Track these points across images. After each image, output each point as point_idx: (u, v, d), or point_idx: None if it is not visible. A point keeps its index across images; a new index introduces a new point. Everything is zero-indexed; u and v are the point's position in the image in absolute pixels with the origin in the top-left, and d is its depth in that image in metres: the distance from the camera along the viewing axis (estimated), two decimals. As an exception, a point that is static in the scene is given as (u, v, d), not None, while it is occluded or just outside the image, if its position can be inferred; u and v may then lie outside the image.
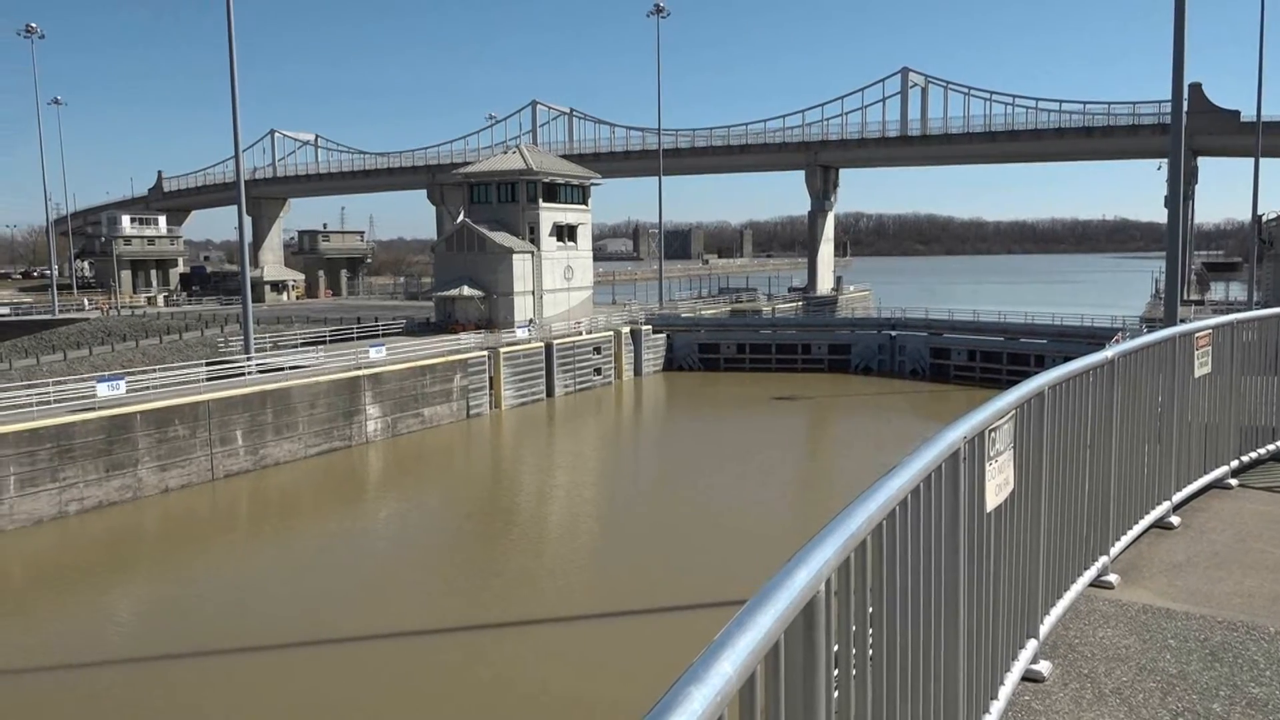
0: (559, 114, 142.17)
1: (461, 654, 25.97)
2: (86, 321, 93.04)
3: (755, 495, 41.80)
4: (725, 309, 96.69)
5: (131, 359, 70.04)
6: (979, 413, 4.34)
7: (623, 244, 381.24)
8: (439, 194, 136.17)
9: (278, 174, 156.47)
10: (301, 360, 55.66)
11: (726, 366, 77.96)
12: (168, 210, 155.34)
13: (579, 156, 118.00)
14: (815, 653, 2.53)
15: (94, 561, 35.01)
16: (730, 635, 2.10)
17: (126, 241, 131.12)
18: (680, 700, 1.84)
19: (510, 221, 75.00)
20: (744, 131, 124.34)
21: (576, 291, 79.63)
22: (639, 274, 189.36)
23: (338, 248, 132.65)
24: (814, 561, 2.55)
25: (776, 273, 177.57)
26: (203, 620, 28.50)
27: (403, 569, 33.40)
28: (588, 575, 32.69)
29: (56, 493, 38.62)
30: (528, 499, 45.19)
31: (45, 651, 26.33)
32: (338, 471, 47.86)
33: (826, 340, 77.98)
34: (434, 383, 57.35)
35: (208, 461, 44.43)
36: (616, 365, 73.97)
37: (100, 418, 40.44)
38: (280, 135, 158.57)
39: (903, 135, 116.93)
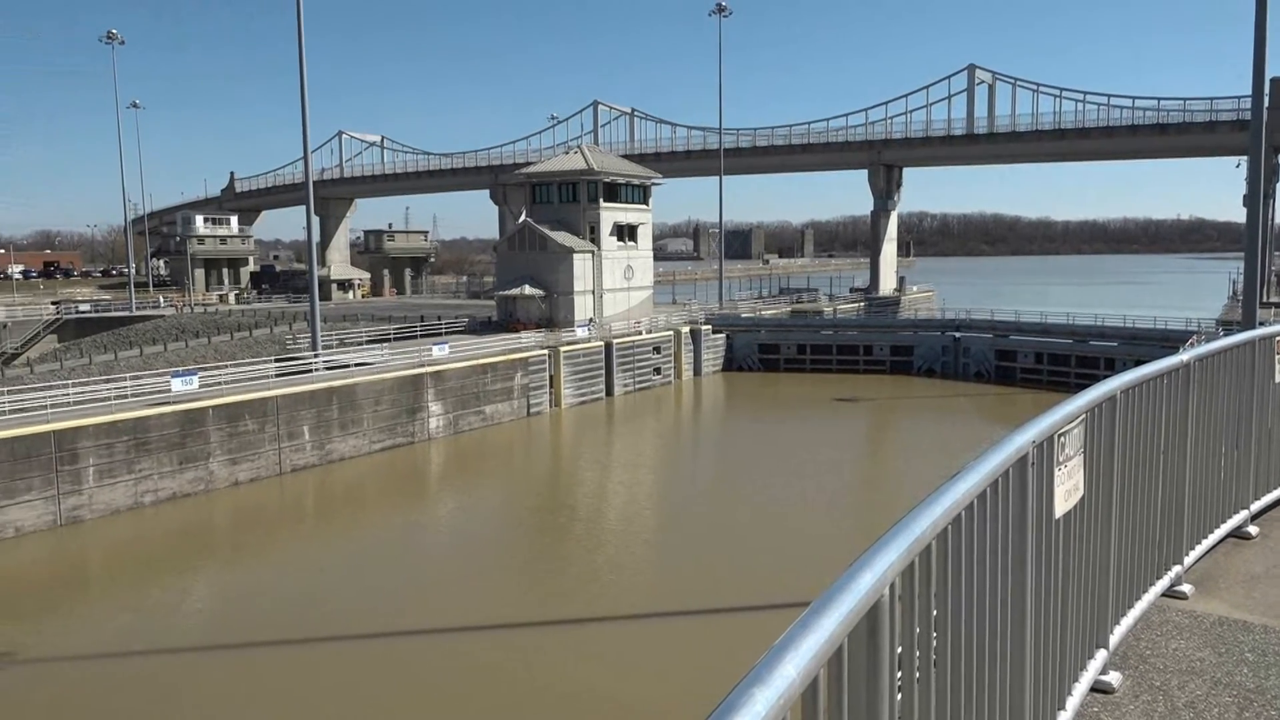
0: (620, 114, 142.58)
1: (519, 652, 26.18)
2: (162, 318, 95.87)
3: (815, 496, 41.46)
4: (786, 309, 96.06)
5: (204, 355, 71.99)
6: (1048, 416, 4.26)
7: (683, 244, 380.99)
8: (501, 194, 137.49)
9: (345, 175, 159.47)
10: (366, 357, 56.67)
11: (786, 367, 77.45)
12: (239, 210, 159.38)
13: (640, 156, 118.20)
14: (879, 657, 2.51)
15: (168, 552, 36.07)
16: (793, 637, 2.10)
17: (200, 241, 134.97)
18: (743, 701, 1.84)
19: (571, 221, 75.44)
20: (806, 130, 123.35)
21: (636, 291, 79.79)
22: (699, 274, 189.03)
23: (402, 247, 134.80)
24: (878, 565, 2.53)
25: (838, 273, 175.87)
26: (269, 612, 29.17)
27: (463, 565, 33.81)
28: (646, 574, 32.74)
29: (133, 484, 39.86)
30: (587, 497, 45.41)
31: (121, 639, 27.20)
32: (401, 467, 48.62)
33: (889, 341, 77.01)
34: (495, 381, 57.95)
35: (276, 456, 45.47)
36: (676, 365, 73.95)
37: (174, 412, 41.64)
38: (348, 136, 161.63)
39: (968, 133, 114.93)
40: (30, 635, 27.21)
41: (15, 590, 32.08)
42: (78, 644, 26.83)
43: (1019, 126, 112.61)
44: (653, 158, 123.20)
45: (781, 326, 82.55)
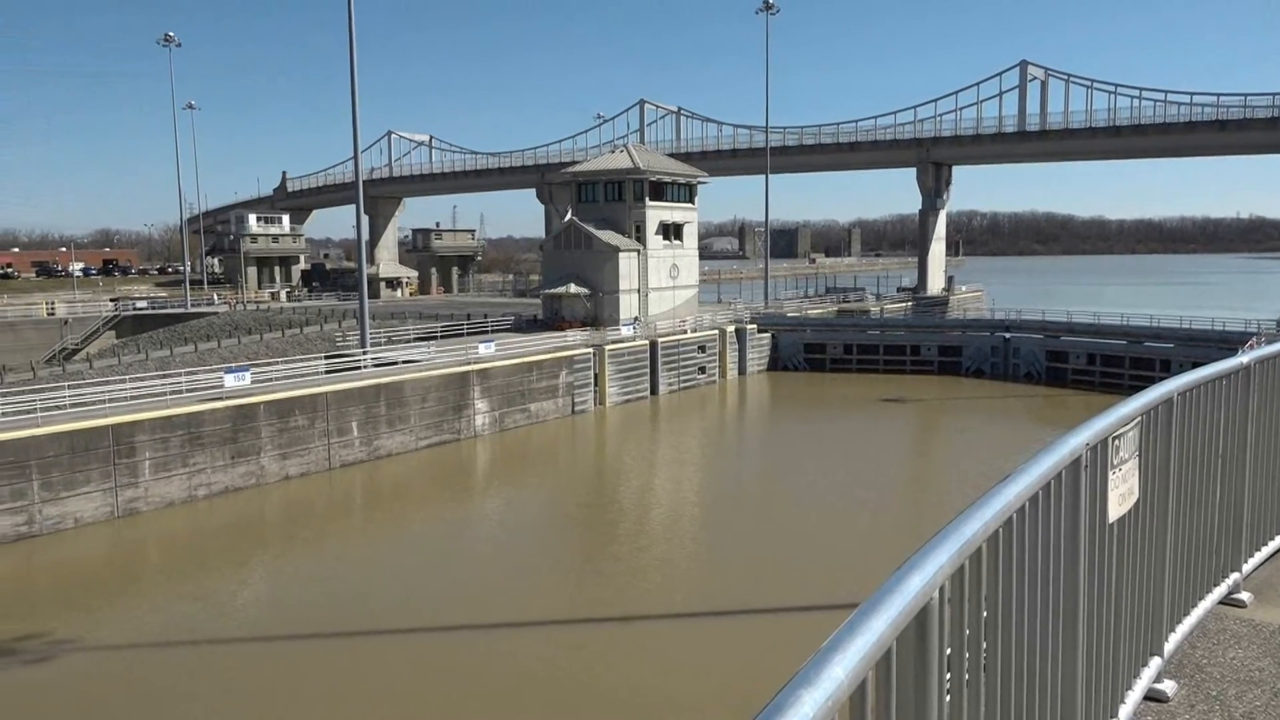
0: (666, 113, 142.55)
1: (567, 648, 26.31)
2: (215, 315, 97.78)
3: (861, 497, 41.12)
4: (832, 309, 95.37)
5: (256, 352, 73.31)
6: (1103, 418, 4.18)
7: (728, 242, 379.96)
8: (547, 193, 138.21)
9: (394, 174, 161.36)
10: (414, 355, 57.29)
11: (832, 367, 76.92)
12: (291, 210, 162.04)
13: (686, 155, 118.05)
14: (928, 661, 2.48)
15: (222, 545, 36.79)
16: (842, 639, 2.08)
17: (253, 239, 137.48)
18: (791, 702, 1.83)
19: (617, 220, 75.60)
20: (854, 129, 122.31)
21: (682, 290, 79.73)
22: (744, 273, 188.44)
23: (449, 246, 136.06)
24: (928, 568, 2.50)
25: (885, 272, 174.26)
26: (320, 606, 29.62)
27: (510, 561, 34.05)
28: (691, 573, 32.70)
29: (187, 477, 40.72)
30: (632, 495, 45.49)
31: (178, 628, 27.80)
32: (447, 464, 49.09)
33: (936, 342, 76.13)
34: (540, 379, 58.28)
35: (325, 451, 46.16)
36: (721, 364, 73.79)
37: (227, 407, 42.46)
38: (397, 136, 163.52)
39: (1020, 130, 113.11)
40: (91, 623, 27.92)
41: (77, 580, 32.95)
42: (136, 632, 27.47)
43: (1072, 124, 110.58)
44: (699, 156, 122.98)
45: (828, 326, 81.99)
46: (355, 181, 59.67)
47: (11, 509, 35.34)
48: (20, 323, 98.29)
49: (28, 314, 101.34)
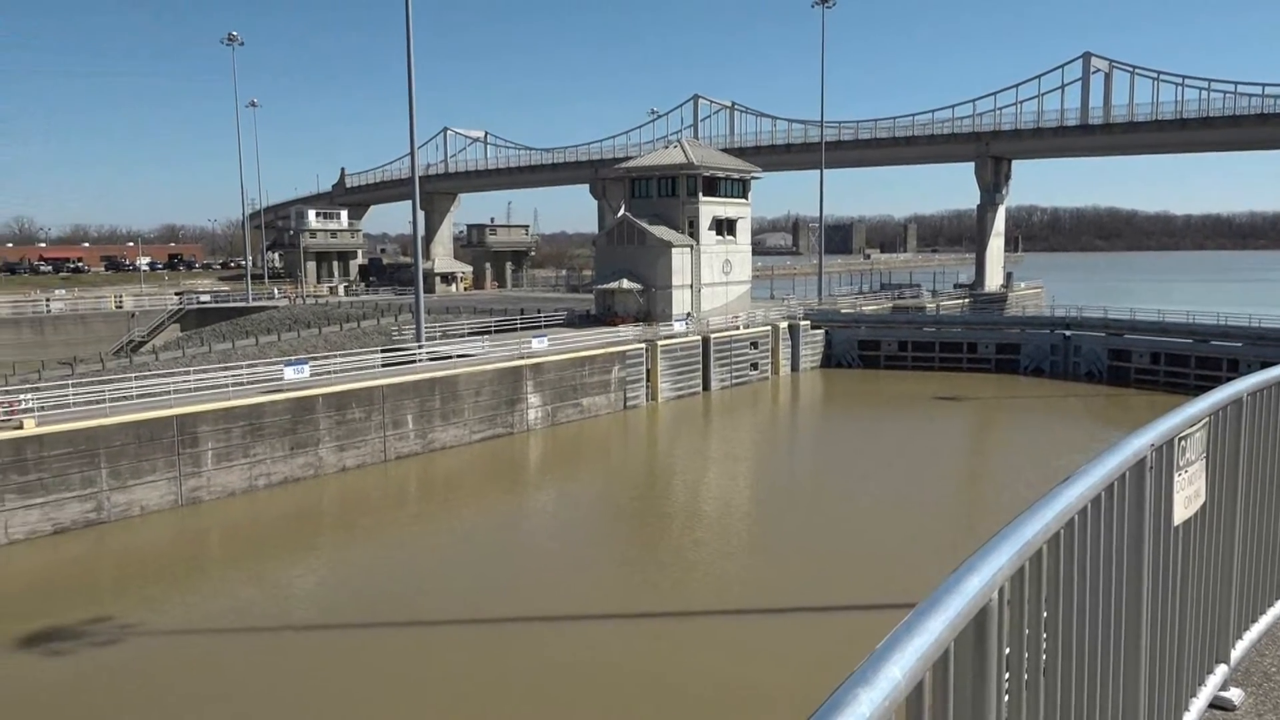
0: (720, 108, 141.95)
1: (625, 638, 26.43)
2: (276, 309, 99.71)
3: (915, 496, 40.65)
4: (887, 305, 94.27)
5: (314, 345, 74.62)
6: (1169, 419, 4.08)
7: (782, 238, 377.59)
8: (601, 188, 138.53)
9: (449, 170, 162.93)
10: (468, 349, 57.88)
11: (887, 364, 76.06)
12: (349, 205, 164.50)
13: (739, 150, 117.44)
14: (986, 663, 2.45)
15: (281, 534, 37.58)
16: (899, 639, 2.07)
17: (312, 235, 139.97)
18: (848, 702, 1.83)
19: (670, 215, 75.54)
20: (910, 122, 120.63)
21: (734, 286, 79.43)
22: (798, 269, 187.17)
23: (504, 241, 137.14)
24: (987, 569, 2.47)
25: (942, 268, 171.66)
26: (377, 595, 30.10)
27: (565, 553, 34.28)
28: (741, 569, 32.61)
29: (247, 467, 41.63)
30: (683, 490, 45.49)
31: (237, 615, 28.47)
32: (500, 457, 49.54)
33: (994, 339, 74.87)
34: (593, 374, 58.51)
35: (381, 443, 46.86)
36: (773, 360, 73.40)
37: (287, 399, 43.30)
38: (452, 133, 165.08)
39: (1083, 124, 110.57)
40: (156, 609, 28.70)
41: (143, 566, 33.90)
42: (199, 618, 28.17)
43: (1137, 116, 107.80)
44: (752, 151, 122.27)
45: (882, 322, 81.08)
46: (412, 178, 60.45)
47: (81, 496, 36.47)
48: (90, 315, 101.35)
49: (97, 307, 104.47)
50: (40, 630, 26.71)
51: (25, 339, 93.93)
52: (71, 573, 32.95)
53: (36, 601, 29.91)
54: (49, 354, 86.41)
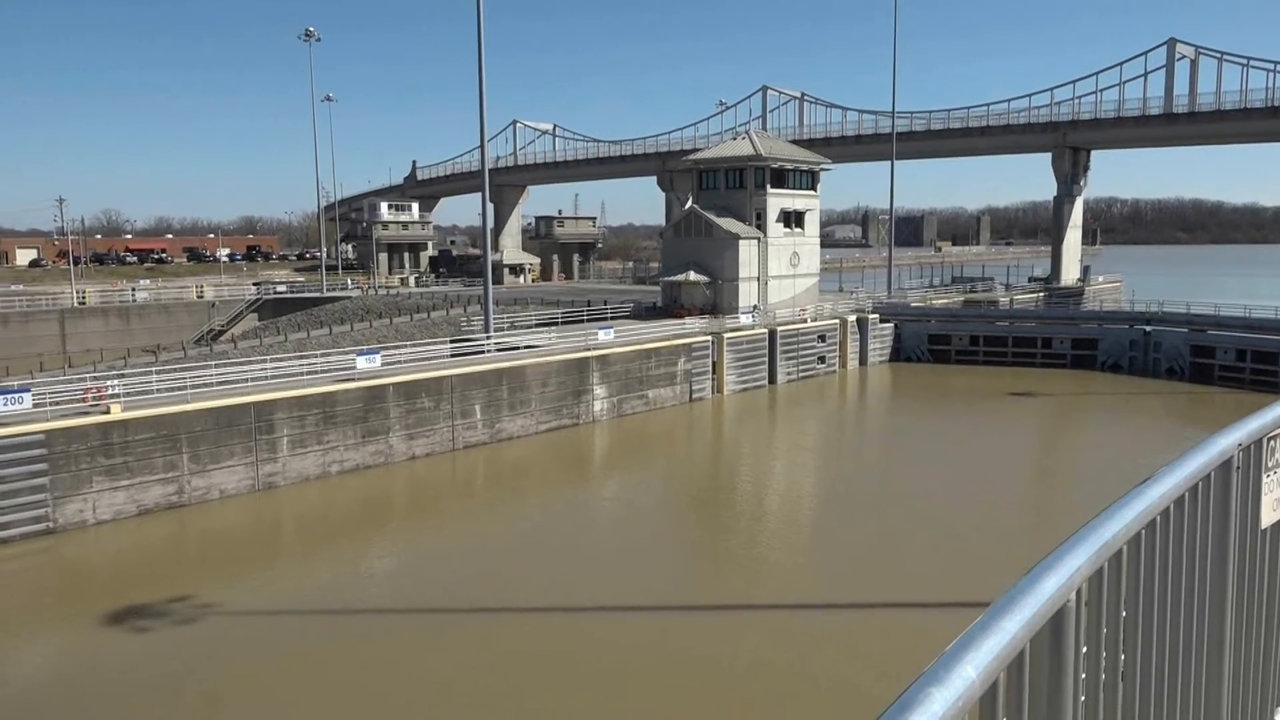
0: (789, 98, 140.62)
1: (675, 629, 26.47)
2: (349, 299, 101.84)
3: (986, 493, 39.89)
4: (958, 299, 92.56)
5: (385, 335, 76.02)
6: (1258, 417, 3.94)
7: (851, 230, 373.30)
8: (668, 180, 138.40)
9: (518, 163, 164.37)
10: (535, 340, 58.40)
11: (957, 359, 74.71)
12: (420, 197, 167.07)
13: (809, 141, 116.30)
14: (1063, 665, 2.40)
15: (354, 519, 38.42)
16: (973, 638, 2.03)
17: (384, 227, 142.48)
18: (920, 700, 1.80)
19: (738, 207, 75.18)
20: (985, 112, 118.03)
21: (802, 278, 78.75)
22: (867, 261, 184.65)
23: (571, 233, 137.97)
24: (1064, 568, 2.41)
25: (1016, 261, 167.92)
26: (446, 581, 30.62)
27: (632, 544, 34.44)
28: (807, 561, 32.40)
29: (321, 454, 42.63)
30: (748, 483, 45.33)
31: (311, 598, 29.21)
32: (566, 447, 49.92)
33: (1070, 334, 72.98)
34: (658, 366, 58.58)
35: (449, 432, 47.58)
36: (841, 354, 72.64)
37: (359, 388, 44.21)
38: (521, 125, 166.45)
39: (1166, 112, 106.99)
40: (234, 589, 29.59)
41: (221, 548, 34.99)
42: (274, 600, 28.98)
43: (1225, 104, 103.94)
44: (822, 143, 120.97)
45: (953, 316, 79.60)
46: (482, 171, 61.15)
47: (164, 479, 37.74)
48: (173, 305, 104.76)
49: (179, 297, 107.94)
50: (126, 607, 27.74)
51: (112, 327, 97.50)
52: (155, 553, 34.15)
53: (123, 580, 31.08)
54: (134, 342, 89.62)
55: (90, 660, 25.09)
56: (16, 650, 26.02)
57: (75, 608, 28.47)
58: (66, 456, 35.21)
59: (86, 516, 35.64)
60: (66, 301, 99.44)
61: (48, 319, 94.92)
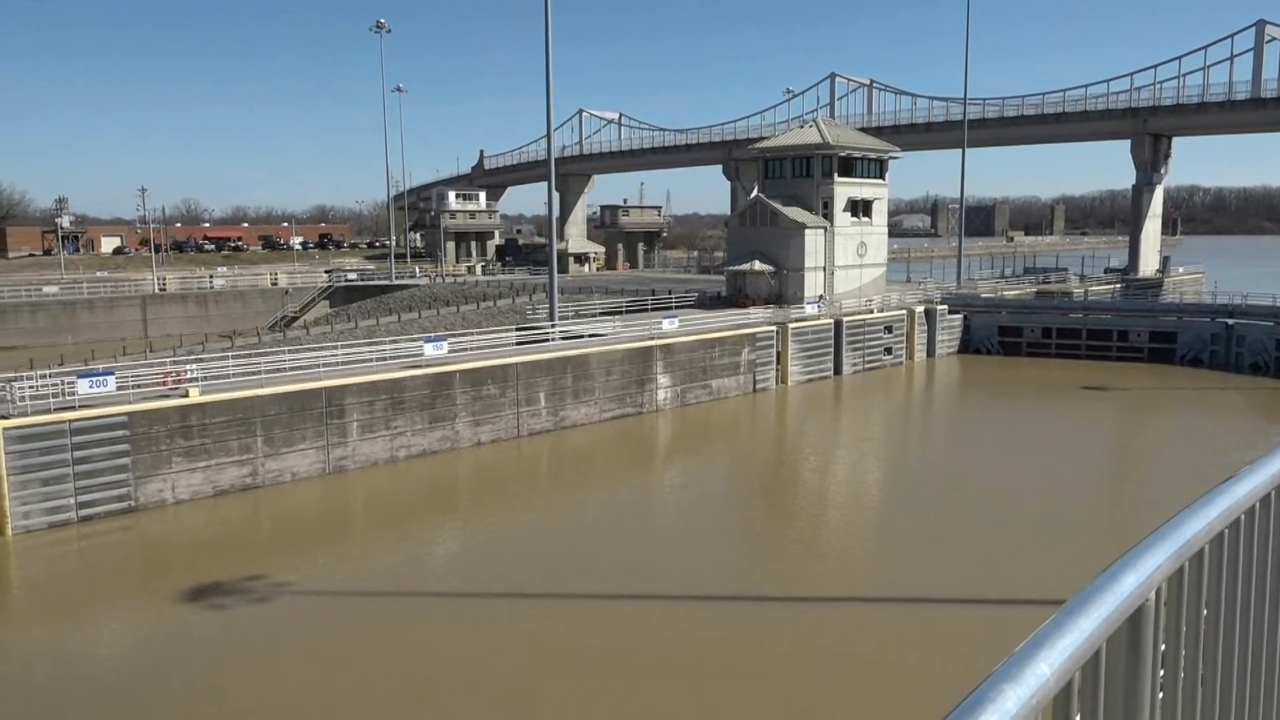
0: (858, 86, 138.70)
1: (737, 617, 26.44)
2: (417, 287, 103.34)
3: (1056, 488, 39.01)
4: (1030, 289, 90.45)
5: (452, 323, 76.99)
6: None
7: (919, 220, 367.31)
8: (734, 169, 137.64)
9: (584, 152, 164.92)
10: (599, 329, 58.64)
11: (1029, 351, 73.06)
12: (487, 187, 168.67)
13: (877, 129, 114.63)
14: (1141, 666, 2.34)
15: (421, 503, 39.13)
16: (1048, 636, 1.99)
17: (452, 216, 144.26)
18: (993, 697, 1.77)
19: (804, 196, 74.45)
20: (1060, 98, 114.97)
21: (869, 268, 77.73)
22: (936, 251, 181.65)
23: (636, 222, 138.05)
24: (1144, 567, 2.35)
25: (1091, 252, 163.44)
26: (510, 566, 31.00)
27: (695, 534, 34.46)
28: (870, 554, 32.08)
29: (389, 439, 43.44)
30: (811, 475, 45.00)
31: (379, 579, 29.84)
32: (630, 436, 50.10)
33: (1148, 327, 70.84)
34: (722, 355, 58.41)
35: (514, 419, 48.09)
36: (908, 345, 71.60)
37: (426, 374, 44.91)
38: (588, 114, 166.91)
39: (1254, 97, 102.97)
40: (306, 570, 30.37)
41: (294, 529, 35.93)
42: (344, 580, 29.67)
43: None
44: (891, 130, 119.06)
45: (1025, 308, 77.86)
46: (548, 160, 61.50)
47: (239, 461, 38.84)
48: (249, 291, 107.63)
49: (254, 284, 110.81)
50: (203, 584, 28.67)
51: (191, 312, 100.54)
52: (230, 533, 35.20)
53: (200, 557, 32.11)
54: (211, 327, 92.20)
55: (172, 633, 25.97)
56: (107, 621, 27.09)
57: (157, 583, 29.49)
58: (147, 438, 36.43)
59: (166, 496, 36.86)
60: (148, 288, 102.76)
61: (131, 304, 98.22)
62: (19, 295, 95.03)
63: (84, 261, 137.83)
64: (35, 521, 33.72)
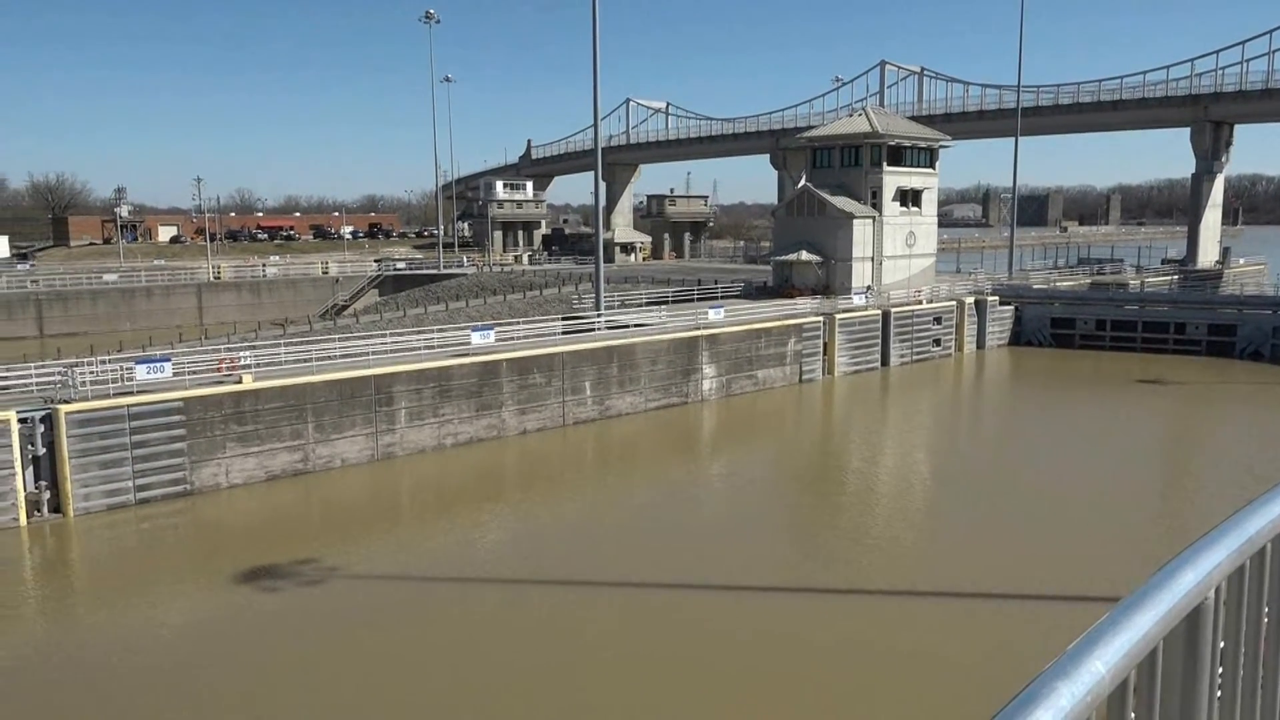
0: (908, 73, 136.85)
1: (780, 609, 26.37)
2: (464, 277, 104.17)
3: (1110, 483, 38.28)
4: (1084, 281, 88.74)
5: (499, 312, 77.51)
6: None
7: (970, 209, 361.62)
8: (781, 158, 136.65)
9: (631, 141, 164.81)
10: (645, 319, 58.64)
11: (1082, 344, 71.69)
12: (534, 176, 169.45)
13: (928, 118, 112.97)
14: (1199, 666, 2.30)
15: (467, 490, 39.52)
16: (1103, 633, 1.96)
17: (499, 205, 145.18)
18: (1046, 694, 1.75)
19: (852, 186, 73.72)
20: (1117, 85, 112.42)
21: (918, 259, 76.79)
22: (987, 242, 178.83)
23: (682, 211, 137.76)
24: (1202, 564, 2.30)
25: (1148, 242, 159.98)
26: (554, 552, 31.22)
27: (738, 525, 34.41)
28: (914, 549, 31.76)
29: (436, 427, 43.90)
30: (857, 467, 44.66)
31: (425, 564, 30.23)
32: (675, 426, 50.10)
33: (1206, 319, 69.11)
34: (768, 346, 58.12)
35: (560, 408, 48.32)
36: (957, 337, 70.66)
37: (473, 363, 45.29)
38: (635, 104, 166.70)
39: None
40: (355, 554, 30.85)
41: (344, 515, 36.49)
42: (392, 565, 30.10)
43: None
44: (941, 119, 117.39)
45: (1079, 299, 76.38)
46: (595, 150, 61.56)
47: (291, 447, 39.52)
48: (300, 280, 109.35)
49: (306, 273, 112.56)
50: (255, 567, 29.26)
51: (244, 300, 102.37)
52: (282, 517, 35.87)
53: (254, 541, 32.79)
54: (264, 315, 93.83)
55: (229, 614, 26.56)
56: (166, 600, 27.77)
57: (213, 565, 30.16)
58: (202, 423, 37.21)
59: (220, 480, 37.64)
60: (203, 276, 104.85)
61: (186, 292, 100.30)
62: (80, 283, 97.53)
63: (142, 250, 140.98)
64: (95, 504, 34.65)
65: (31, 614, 27.84)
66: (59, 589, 29.89)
